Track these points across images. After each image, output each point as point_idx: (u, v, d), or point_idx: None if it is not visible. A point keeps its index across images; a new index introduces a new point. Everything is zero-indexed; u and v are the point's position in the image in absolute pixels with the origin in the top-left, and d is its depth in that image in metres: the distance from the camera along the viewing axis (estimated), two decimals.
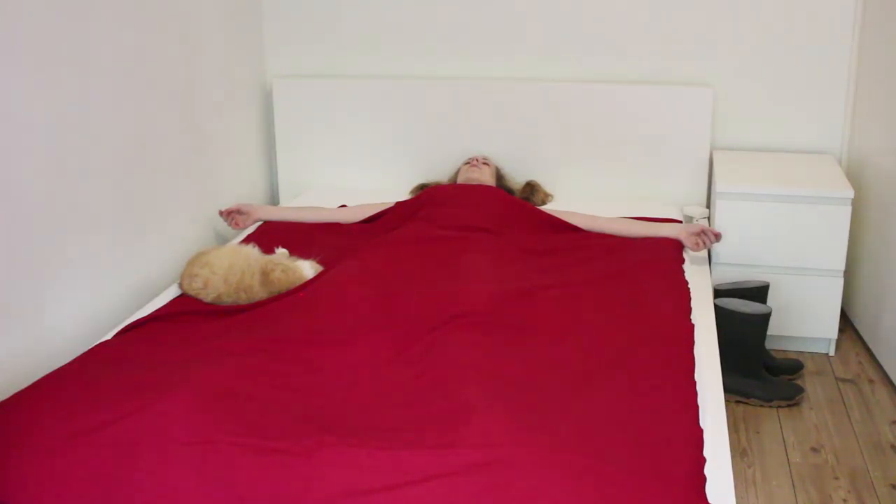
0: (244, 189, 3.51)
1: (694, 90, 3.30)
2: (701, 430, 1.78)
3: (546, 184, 3.48)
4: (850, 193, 2.89)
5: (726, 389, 2.77)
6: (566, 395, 1.88)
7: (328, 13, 3.56)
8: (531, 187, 3.38)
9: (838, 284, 2.98)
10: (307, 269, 2.50)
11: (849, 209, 2.90)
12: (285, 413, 1.80)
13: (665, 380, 1.95)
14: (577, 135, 3.42)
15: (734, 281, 3.03)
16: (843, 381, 2.91)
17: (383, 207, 3.12)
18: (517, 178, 3.48)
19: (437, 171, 3.56)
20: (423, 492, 1.56)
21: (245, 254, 2.51)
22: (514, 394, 1.85)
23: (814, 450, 2.53)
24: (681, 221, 3.07)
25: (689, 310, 2.37)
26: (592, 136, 3.41)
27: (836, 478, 2.39)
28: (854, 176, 3.25)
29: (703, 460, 1.69)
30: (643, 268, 2.60)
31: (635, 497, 1.54)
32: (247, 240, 2.90)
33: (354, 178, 3.65)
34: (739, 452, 2.51)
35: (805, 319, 3.03)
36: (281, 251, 2.63)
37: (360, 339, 2.14)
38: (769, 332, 3.05)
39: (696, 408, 1.85)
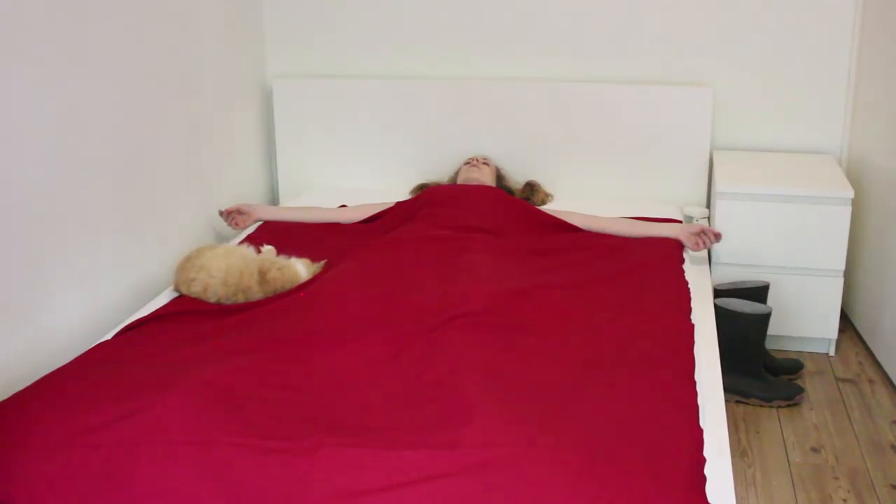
0: (244, 189, 3.51)
1: (694, 90, 3.30)
2: (701, 430, 1.78)
3: (546, 184, 3.48)
4: (850, 193, 2.89)
5: (726, 389, 2.77)
6: (566, 395, 1.88)
7: (328, 13, 3.56)
8: (531, 187, 3.38)
9: (838, 284, 2.98)
10: (300, 267, 2.50)
11: (849, 209, 2.90)
12: (285, 413, 1.80)
13: (665, 380, 1.95)
14: (577, 135, 3.42)
15: (734, 281, 3.03)
16: (843, 381, 2.91)
17: (383, 207, 3.12)
18: (517, 178, 3.48)
19: (437, 171, 3.56)
20: (423, 492, 1.56)
21: (240, 254, 2.50)
22: (515, 394, 1.85)
23: (814, 450, 2.53)
24: (681, 221, 3.07)
25: (689, 310, 2.37)
26: (592, 136, 3.41)
27: (836, 478, 2.39)
28: (854, 176, 3.25)
29: (703, 460, 1.69)
30: (643, 268, 2.60)
31: (635, 497, 1.54)
32: (247, 240, 2.90)
33: (354, 178, 3.65)
34: (739, 452, 2.51)
35: (805, 319, 3.03)
36: (268, 248, 2.62)
37: (360, 339, 2.14)
38: (769, 332, 3.05)
39: (696, 408, 1.85)
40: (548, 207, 3.23)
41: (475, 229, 2.85)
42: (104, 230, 2.55)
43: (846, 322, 3.29)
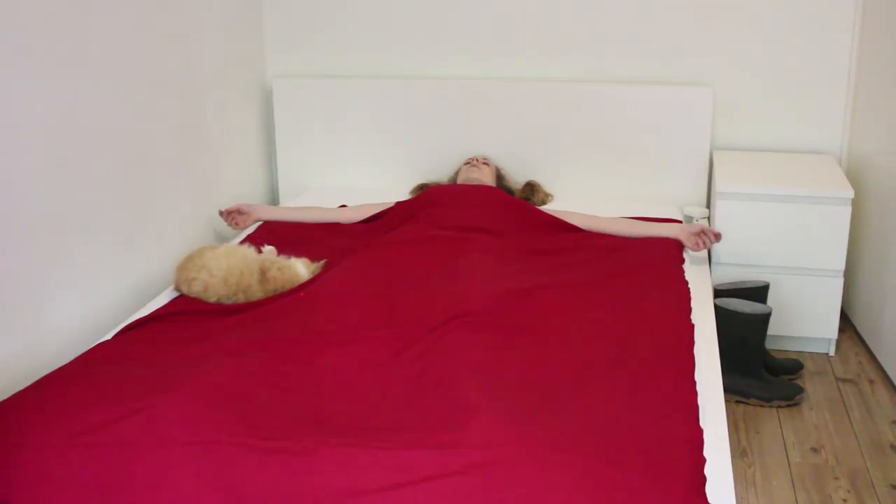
0: (244, 189, 3.51)
1: (694, 90, 3.30)
2: (701, 430, 1.78)
3: (546, 184, 3.48)
4: (850, 193, 2.89)
5: (726, 389, 2.77)
6: (566, 395, 1.88)
7: (328, 13, 3.56)
8: (531, 187, 3.38)
9: (838, 284, 2.98)
10: (300, 266, 2.50)
11: (849, 209, 2.90)
12: (285, 413, 1.80)
13: (665, 380, 1.95)
14: (578, 135, 3.42)
15: (734, 281, 3.03)
16: (843, 381, 2.91)
17: (383, 207, 3.12)
18: (517, 178, 3.48)
19: (437, 171, 3.56)
20: (422, 492, 1.56)
21: (241, 254, 2.51)
22: (514, 394, 1.85)
23: (814, 450, 2.53)
24: (681, 221, 3.07)
25: (689, 310, 2.37)
26: (593, 136, 3.41)
27: (836, 478, 2.39)
28: (854, 176, 3.25)
29: (703, 460, 1.69)
30: (643, 268, 2.60)
31: (635, 497, 1.54)
32: (247, 240, 2.90)
33: (354, 178, 3.65)
34: (739, 452, 2.51)
35: (805, 319, 3.03)
36: (269, 248, 2.63)
37: (360, 339, 2.14)
38: (769, 332, 3.05)
39: (696, 408, 1.85)
40: (548, 207, 3.23)
41: (475, 229, 2.85)
42: (104, 230, 2.55)
43: (846, 322, 3.29)
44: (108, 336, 2.31)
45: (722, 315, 2.71)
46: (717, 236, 2.81)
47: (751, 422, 2.67)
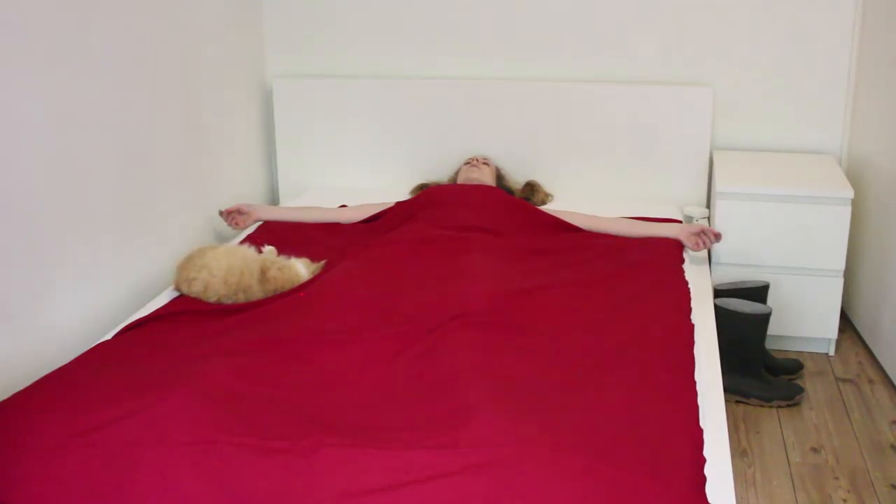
0: (244, 189, 3.51)
1: (694, 90, 3.30)
2: (701, 430, 1.78)
3: (546, 184, 3.48)
4: (850, 193, 2.89)
5: (726, 389, 2.77)
6: (566, 395, 1.88)
7: (328, 13, 3.56)
8: (531, 187, 3.38)
9: (838, 284, 2.98)
10: (300, 266, 2.50)
11: (849, 209, 2.90)
12: (285, 413, 1.80)
13: (665, 380, 1.95)
14: (577, 135, 3.42)
15: (734, 281, 3.03)
16: (843, 381, 2.91)
17: (383, 207, 3.12)
18: (517, 178, 3.48)
19: (437, 171, 3.56)
20: (422, 492, 1.56)
21: (241, 254, 2.51)
22: (514, 394, 1.85)
23: (814, 450, 2.53)
24: (681, 221, 3.07)
25: (689, 310, 2.37)
26: (592, 136, 3.41)
27: (836, 478, 2.39)
28: (854, 176, 3.25)
29: (703, 460, 1.69)
30: (643, 268, 2.61)
31: (635, 497, 1.54)
32: (247, 240, 2.90)
33: (354, 178, 3.65)
34: (739, 452, 2.52)
35: (805, 319, 3.03)
36: (269, 249, 2.63)
37: (360, 339, 2.14)
38: (769, 332, 3.05)
39: (696, 408, 1.85)
40: (548, 207, 3.23)
41: (475, 229, 2.86)
42: (104, 230, 2.55)
43: (846, 322, 3.29)
44: (108, 336, 2.31)
45: (722, 315, 2.71)
46: (717, 236, 2.81)
47: (751, 422, 2.67)
